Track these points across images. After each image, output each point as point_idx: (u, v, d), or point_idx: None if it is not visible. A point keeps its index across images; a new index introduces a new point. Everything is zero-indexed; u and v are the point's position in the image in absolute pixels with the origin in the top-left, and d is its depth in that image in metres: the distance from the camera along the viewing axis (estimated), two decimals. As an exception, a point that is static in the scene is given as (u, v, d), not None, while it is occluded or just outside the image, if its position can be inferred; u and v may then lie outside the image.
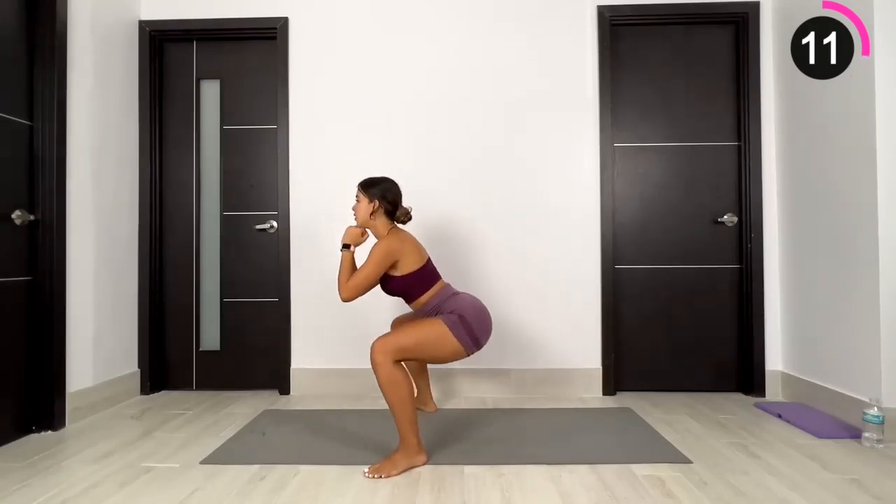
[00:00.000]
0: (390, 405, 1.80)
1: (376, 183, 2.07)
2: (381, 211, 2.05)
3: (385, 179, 2.10)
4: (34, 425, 2.22)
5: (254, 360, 2.90)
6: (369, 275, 1.94)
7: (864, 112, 2.18)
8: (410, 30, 2.84)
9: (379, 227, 2.06)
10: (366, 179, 2.10)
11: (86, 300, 2.45)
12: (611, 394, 2.77)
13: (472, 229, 2.81)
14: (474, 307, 1.99)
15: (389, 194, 2.06)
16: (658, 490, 1.66)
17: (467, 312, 1.93)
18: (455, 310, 1.94)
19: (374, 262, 1.93)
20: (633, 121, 2.88)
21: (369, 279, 1.95)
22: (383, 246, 1.95)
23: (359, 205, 2.07)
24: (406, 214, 2.12)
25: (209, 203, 2.95)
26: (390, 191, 2.07)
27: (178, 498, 1.63)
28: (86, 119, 2.47)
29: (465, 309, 1.95)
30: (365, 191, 2.06)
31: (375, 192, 2.05)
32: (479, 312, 1.98)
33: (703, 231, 2.84)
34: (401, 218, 2.11)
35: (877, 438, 1.99)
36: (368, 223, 2.07)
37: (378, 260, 1.94)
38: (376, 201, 2.04)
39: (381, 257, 1.94)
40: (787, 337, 2.71)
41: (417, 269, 2.01)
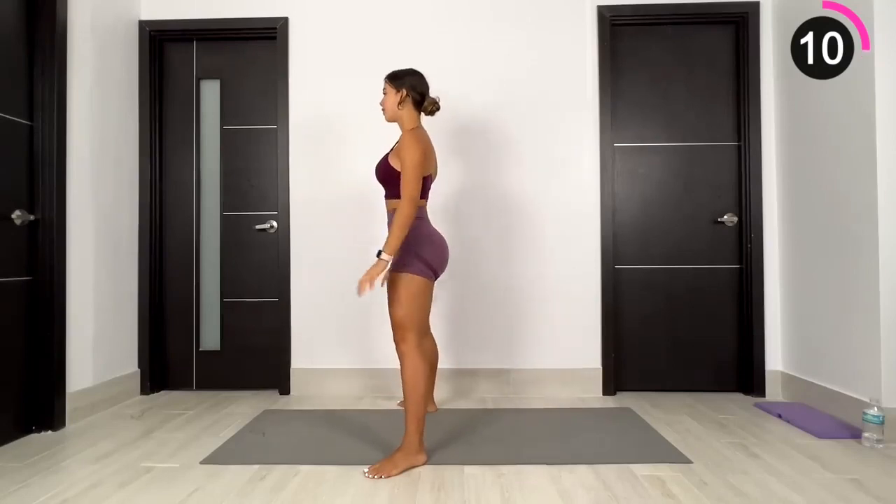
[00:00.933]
0: (407, 399, 1.85)
1: (404, 74, 2.05)
2: (408, 101, 2.02)
3: (412, 71, 2.07)
4: (34, 425, 2.22)
5: (254, 360, 2.90)
6: (415, 178, 1.87)
7: (864, 112, 2.18)
8: (410, 30, 2.84)
9: (405, 119, 2.03)
10: (393, 72, 2.07)
11: (86, 300, 2.45)
12: (611, 394, 2.77)
13: (472, 229, 2.80)
14: (431, 242, 1.98)
15: (418, 84, 2.04)
16: (658, 490, 1.66)
17: (423, 249, 1.93)
18: (409, 243, 1.90)
19: (412, 167, 1.87)
20: (633, 121, 2.88)
21: (418, 182, 1.88)
22: (414, 149, 1.89)
23: (386, 98, 2.04)
24: (434, 104, 2.08)
25: (209, 203, 2.95)
26: (418, 81, 2.04)
27: (178, 498, 1.63)
28: (86, 119, 2.47)
29: (422, 246, 1.93)
30: (392, 82, 2.03)
31: (403, 82, 2.02)
32: (435, 247, 1.98)
33: (703, 231, 2.84)
34: (428, 108, 2.07)
35: (877, 438, 1.99)
36: (396, 114, 2.03)
37: (416, 164, 1.88)
38: (404, 90, 2.01)
39: (418, 160, 1.88)
40: (787, 337, 2.71)
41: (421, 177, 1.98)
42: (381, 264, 1.83)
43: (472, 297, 2.80)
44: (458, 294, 2.80)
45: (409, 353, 1.86)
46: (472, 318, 2.80)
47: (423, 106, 2.06)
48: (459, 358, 2.80)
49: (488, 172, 2.81)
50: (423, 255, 1.92)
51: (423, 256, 1.91)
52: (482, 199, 2.81)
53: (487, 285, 2.79)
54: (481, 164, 2.81)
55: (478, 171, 2.81)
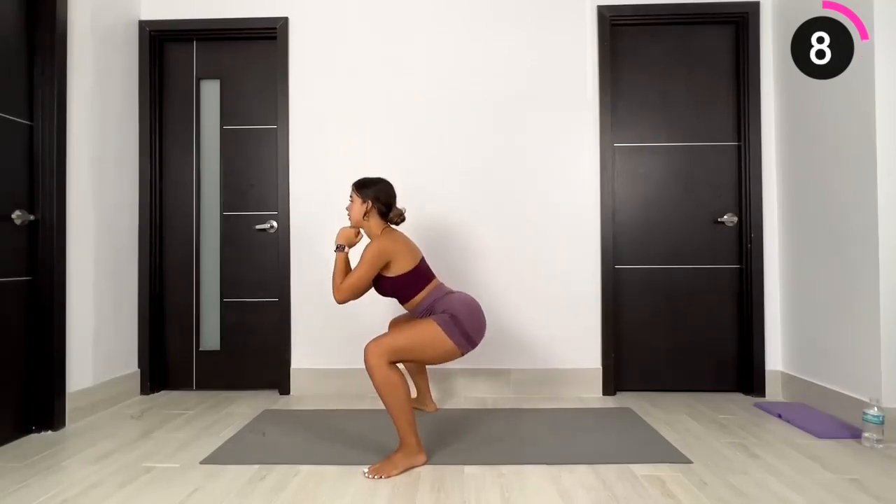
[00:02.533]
0: (387, 407, 1.80)
1: (370, 184, 2.07)
2: (374, 212, 2.05)
3: (379, 180, 2.09)
4: (34, 425, 2.22)
5: (254, 360, 2.90)
6: (362, 276, 1.94)
7: (864, 112, 2.18)
8: (410, 30, 2.84)
9: (372, 227, 2.06)
10: (360, 180, 2.10)
11: (86, 300, 2.45)
12: (611, 394, 2.77)
13: (472, 229, 2.80)
14: (467, 305, 1.98)
15: (383, 195, 2.05)
16: (658, 490, 1.66)
17: (460, 311, 1.93)
18: (447, 309, 1.93)
19: (367, 263, 1.93)
20: (633, 121, 2.88)
21: (362, 280, 1.95)
22: (375, 246, 1.95)
23: (352, 205, 2.07)
24: (399, 216, 2.11)
25: (209, 203, 2.95)
26: (384, 192, 2.06)
27: (178, 498, 1.63)
28: (86, 119, 2.47)
29: (458, 308, 1.94)
30: (359, 191, 2.06)
31: (369, 192, 2.04)
32: (473, 311, 1.98)
33: (703, 231, 2.84)
34: (394, 219, 2.10)
35: (877, 438, 1.99)
36: (362, 223, 2.06)
37: (371, 261, 1.93)
38: (369, 202, 2.03)
39: (374, 258, 1.94)
40: (787, 337, 2.71)
41: (411, 270, 2.00)
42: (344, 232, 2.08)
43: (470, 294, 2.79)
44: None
45: (377, 366, 1.78)
46: (472, 318, 2.80)
47: (388, 217, 2.08)
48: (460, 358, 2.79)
49: (488, 172, 2.81)
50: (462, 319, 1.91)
51: (460, 321, 1.90)
52: (482, 198, 2.81)
53: (487, 285, 2.78)
54: (481, 164, 2.81)
55: (477, 170, 2.81)
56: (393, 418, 1.81)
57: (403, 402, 1.79)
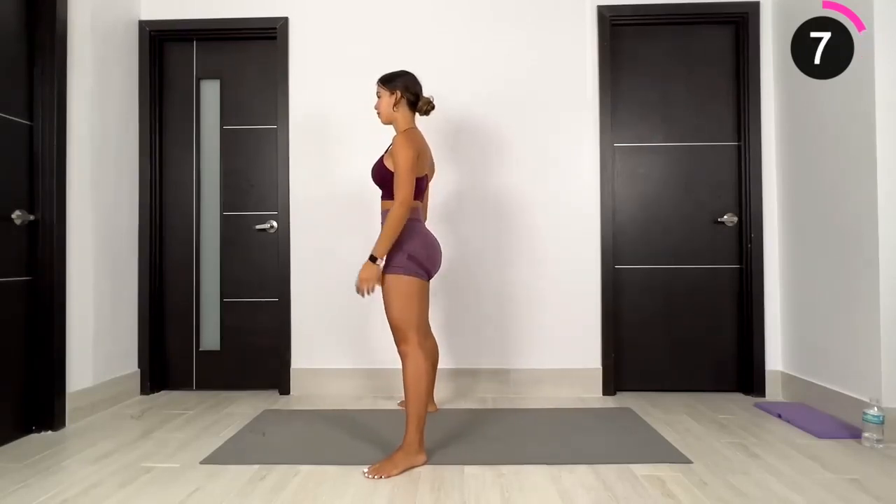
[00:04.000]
0: (408, 398, 1.83)
1: (397, 76, 2.04)
2: (403, 102, 2.02)
3: (405, 72, 2.06)
4: (34, 425, 2.22)
5: (254, 360, 2.90)
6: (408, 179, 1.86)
7: (864, 112, 2.18)
8: (410, 30, 2.84)
9: (401, 120, 2.02)
10: (385, 74, 2.07)
11: (86, 300, 2.45)
12: (611, 394, 2.76)
13: (472, 229, 2.80)
14: (424, 243, 1.96)
15: (411, 85, 2.03)
16: (658, 490, 1.66)
17: (415, 249, 1.91)
18: (402, 243, 1.90)
19: (406, 167, 1.87)
20: (633, 121, 2.88)
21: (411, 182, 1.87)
22: (407, 149, 1.88)
23: (381, 100, 2.04)
24: (428, 103, 2.07)
25: (209, 203, 2.95)
26: (412, 81, 2.04)
27: (178, 498, 1.63)
28: (86, 119, 2.47)
29: (414, 246, 1.92)
30: (386, 85, 2.03)
31: (398, 83, 2.02)
32: (428, 248, 1.97)
33: (703, 231, 2.84)
34: (423, 108, 2.06)
35: (877, 438, 1.99)
36: (391, 116, 2.03)
37: (409, 164, 1.87)
38: (398, 92, 2.01)
39: (410, 161, 1.87)
40: (787, 337, 2.71)
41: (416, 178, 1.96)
42: (372, 269, 1.85)
43: (473, 296, 2.80)
44: (459, 294, 2.80)
45: (410, 353, 1.86)
46: (473, 318, 2.80)
47: (417, 106, 2.05)
48: (459, 358, 2.80)
49: (488, 172, 2.81)
50: (416, 255, 1.91)
51: (414, 257, 1.90)
52: (482, 198, 2.81)
53: (488, 285, 2.79)
54: (481, 164, 2.81)
55: (478, 171, 2.81)
56: (408, 413, 1.84)
57: (423, 398, 1.84)
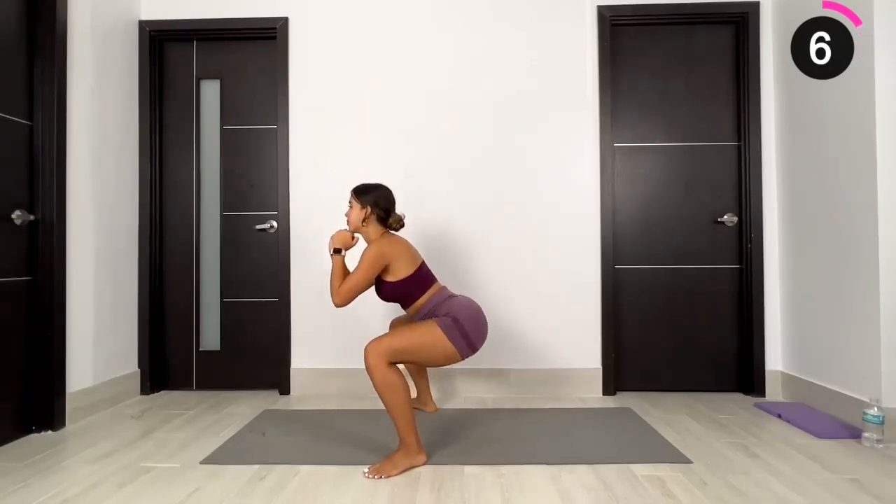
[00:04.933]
0: (387, 407, 1.80)
1: (369, 190, 2.06)
2: (373, 217, 2.05)
3: (379, 186, 2.09)
4: (34, 425, 2.22)
5: (254, 360, 2.90)
6: (362, 278, 1.93)
7: (864, 112, 2.18)
8: (410, 30, 2.84)
9: (371, 233, 2.06)
10: (359, 186, 2.10)
11: (86, 300, 2.45)
12: (611, 394, 2.77)
13: (472, 229, 2.80)
14: (470, 310, 1.97)
15: (382, 201, 2.05)
16: (658, 490, 1.66)
17: (462, 315, 1.92)
18: (449, 312, 1.92)
19: (365, 266, 1.93)
20: (633, 121, 2.88)
21: (362, 283, 1.94)
22: (374, 249, 1.94)
23: (351, 210, 2.07)
24: (398, 221, 2.11)
25: (209, 203, 2.95)
26: (383, 197, 2.06)
27: (178, 498, 1.63)
28: (86, 119, 2.47)
29: (460, 312, 1.93)
30: (358, 197, 2.06)
31: (368, 198, 2.04)
32: (475, 315, 1.97)
33: (703, 231, 2.84)
34: (393, 225, 2.10)
35: (877, 438, 1.99)
36: (360, 229, 2.06)
37: (370, 263, 1.93)
38: (368, 207, 2.03)
39: (373, 260, 1.93)
40: (787, 337, 2.71)
41: (411, 274, 2.00)
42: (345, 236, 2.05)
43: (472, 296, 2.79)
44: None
45: (376, 367, 1.77)
46: (472, 318, 2.80)
47: (387, 223, 2.08)
48: (459, 358, 2.79)
49: (488, 172, 2.81)
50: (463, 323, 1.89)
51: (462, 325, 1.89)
52: (482, 198, 2.81)
53: (487, 285, 2.78)
54: (481, 164, 2.81)
55: (477, 171, 2.81)
56: (393, 418, 1.81)
57: (403, 403, 1.79)
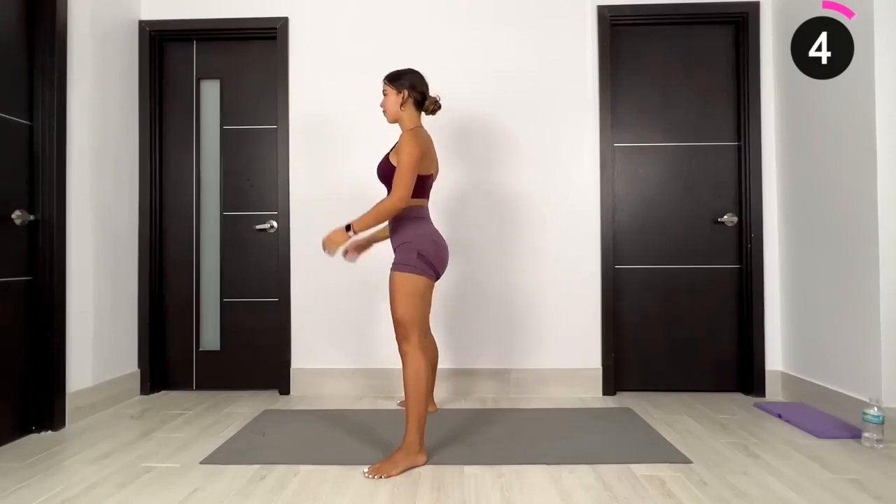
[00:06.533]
0: (408, 398, 1.84)
1: (403, 74, 2.03)
2: (410, 101, 2.01)
3: (411, 71, 2.05)
4: (34, 425, 2.22)
5: (254, 360, 2.90)
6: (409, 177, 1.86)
7: (864, 112, 2.18)
8: (410, 30, 2.84)
9: (407, 119, 2.01)
10: (391, 73, 2.05)
11: (86, 300, 2.45)
12: (611, 394, 2.76)
13: (472, 229, 2.80)
14: (433, 242, 1.96)
15: (419, 84, 2.02)
16: (658, 490, 1.66)
17: (424, 248, 1.92)
18: (411, 241, 1.92)
19: (409, 165, 1.86)
20: (633, 121, 2.88)
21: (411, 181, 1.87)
22: (412, 147, 1.88)
23: (387, 99, 2.02)
24: (435, 103, 2.06)
25: (209, 203, 2.95)
26: (419, 80, 2.03)
27: (178, 498, 1.63)
28: (86, 119, 2.47)
29: (424, 245, 1.92)
30: (392, 83, 2.02)
31: (404, 82, 2.01)
32: (437, 247, 1.97)
33: (703, 231, 2.84)
34: (430, 107, 2.06)
35: (877, 438, 1.99)
36: (398, 115, 2.02)
37: (412, 162, 1.87)
38: (405, 91, 2.00)
39: (414, 159, 1.87)
40: (787, 337, 2.71)
41: (425, 176, 1.97)
42: (342, 236, 1.89)
43: (473, 296, 2.80)
44: (459, 294, 2.80)
45: (411, 353, 1.86)
46: (473, 318, 2.80)
47: (424, 105, 2.04)
48: (459, 358, 2.80)
49: (488, 172, 2.81)
50: (426, 254, 1.91)
51: (425, 256, 1.91)
52: (482, 198, 2.81)
53: (488, 285, 2.79)
54: (481, 165, 2.81)
55: (478, 171, 2.81)
56: (408, 412, 1.84)
57: (422, 398, 1.84)
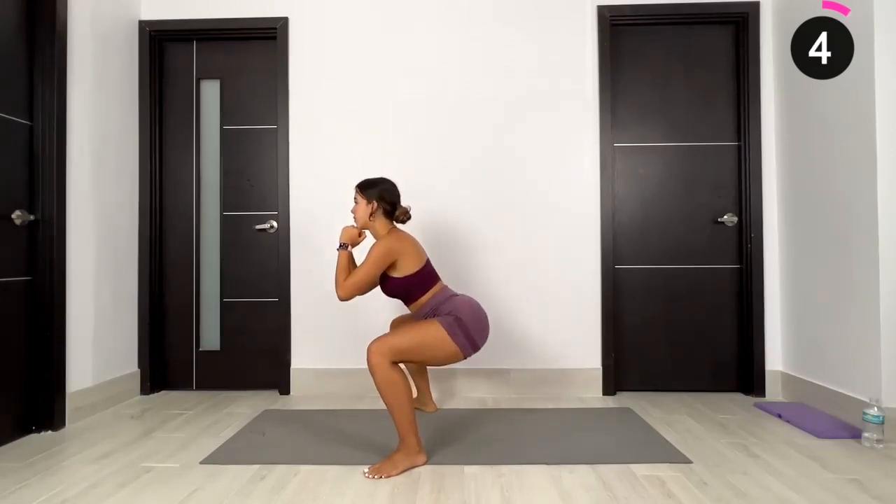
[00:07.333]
0: (388, 406, 1.80)
1: (374, 184, 2.07)
2: (380, 212, 2.05)
3: (383, 180, 2.09)
4: (34, 425, 2.22)
5: (254, 360, 2.90)
6: (367, 273, 1.94)
7: (864, 112, 2.18)
8: (410, 29, 2.84)
9: (378, 227, 2.06)
10: (363, 181, 2.10)
11: (86, 300, 2.45)
12: (611, 394, 2.76)
13: (472, 229, 2.80)
14: (472, 309, 1.98)
15: (388, 195, 2.06)
16: (658, 490, 1.66)
17: (464, 314, 1.93)
18: (452, 311, 1.93)
19: (372, 262, 1.94)
20: (633, 121, 2.88)
21: (367, 278, 1.95)
22: (382, 245, 1.95)
23: (357, 206, 2.07)
24: (405, 213, 2.11)
25: (209, 203, 2.95)
26: (388, 191, 2.06)
27: (178, 498, 1.63)
28: (86, 119, 2.47)
29: (462, 311, 1.94)
30: (363, 192, 2.06)
31: (373, 192, 2.04)
32: (477, 314, 1.98)
33: (703, 231, 2.84)
34: (400, 217, 2.11)
35: (877, 438, 1.99)
36: (368, 224, 2.07)
37: (377, 259, 1.94)
38: (374, 202, 2.04)
39: (380, 256, 1.94)
40: (787, 337, 2.71)
41: (417, 271, 2.00)
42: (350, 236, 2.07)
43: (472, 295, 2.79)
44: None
45: (378, 364, 1.77)
46: (472, 318, 2.80)
47: (394, 216, 2.08)
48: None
49: (488, 172, 2.81)
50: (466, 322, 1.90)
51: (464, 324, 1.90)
52: (482, 198, 2.81)
53: (488, 285, 2.78)
54: (481, 164, 2.81)
55: (478, 170, 2.81)
56: (393, 418, 1.81)
57: (404, 402, 1.79)
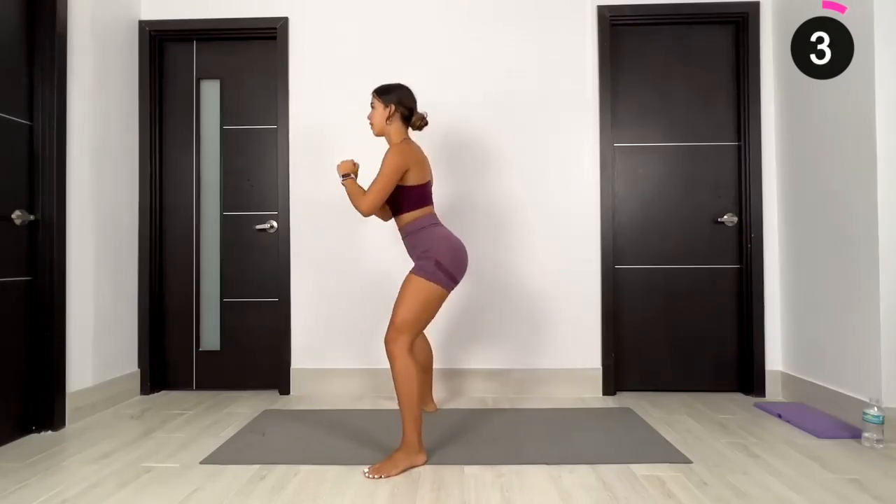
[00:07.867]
0: (400, 398, 1.82)
1: (392, 89, 2.05)
2: (397, 116, 2.03)
3: (400, 86, 2.07)
4: (34, 425, 2.22)
5: (254, 360, 2.90)
6: (387, 182, 1.91)
7: (864, 112, 2.18)
8: (410, 29, 2.84)
9: (393, 133, 2.04)
10: (381, 86, 2.07)
11: (86, 300, 2.45)
12: (611, 394, 2.77)
13: (472, 229, 2.80)
14: (449, 246, 1.96)
15: (406, 99, 2.04)
16: (658, 490, 1.66)
17: (441, 255, 1.92)
18: (429, 249, 1.92)
19: (389, 170, 1.90)
20: (633, 121, 2.88)
21: (384, 191, 1.92)
22: (397, 153, 1.92)
23: (374, 112, 2.05)
24: (422, 119, 2.09)
25: (209, 203, 2.95)
26: (406, 95, 2.05)
27: (178, 498, 1.63)
28: (86, 119, 2.47)
29: (440, 251, 1.93)
30: (380, 97, 2.04)
31: (392, 97, 2.02)
32: (454, 252, 1.97)
33: (703, 231, 2.84)
34: (417, 123, 2.08)
35: (877, 438, 1.99)
36: (384, 130, 2.04)
37: (392, 170, 1.91)
38: (392, 106, 2.02)
39: (396, 167, 1.91)
40: (787, 337, 2.71)
41: (417, 185, 1.98)
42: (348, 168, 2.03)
43: (473, 296, 2.80)
44: (459, 294, 2.79)
45: (399, 355, 1.84)
46: (473, 318, 2.80)
47: (411, 121, 2.07)
48: (460, 358, 2.80)
49: (488, 172, 2.81)
50: (444, 263, 1.91)
51: (442, 264, 1.90)
52: (482, 198, 2.81)
53: (487, 285, 2.79)
54: (481, 165, 2.81)
55: (478, 170, 2.81)
56: (402, 411, 1.83)
57: (415, 397, 1.83)
